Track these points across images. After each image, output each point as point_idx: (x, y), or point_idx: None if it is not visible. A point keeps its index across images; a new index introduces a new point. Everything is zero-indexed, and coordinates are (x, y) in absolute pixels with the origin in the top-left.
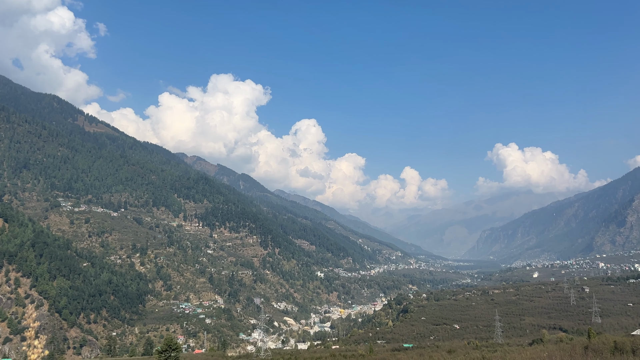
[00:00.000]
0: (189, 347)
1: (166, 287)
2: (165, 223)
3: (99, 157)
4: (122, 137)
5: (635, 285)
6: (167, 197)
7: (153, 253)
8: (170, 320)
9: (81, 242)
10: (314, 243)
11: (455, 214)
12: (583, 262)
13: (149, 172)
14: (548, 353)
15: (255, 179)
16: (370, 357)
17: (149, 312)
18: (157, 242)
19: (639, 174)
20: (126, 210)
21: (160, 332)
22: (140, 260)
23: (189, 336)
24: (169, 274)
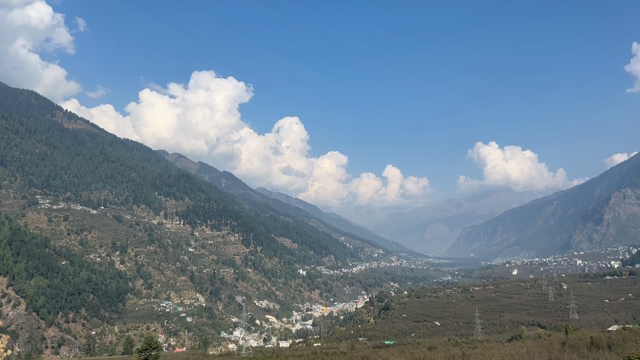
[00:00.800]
0: (169, 345)
1: (147, 286)
2: (146, 221)
3: (78, 154)
4: (102, 133)
5: (611, 281)
6: (147, 195)
7: (133, 251)
8: (150, 319)
9: (60, 240)
10: (296, 241)
11: (437, 211)
12: (561, 260)
13: (129, 170)
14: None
15: (237, 177)
16: (352, 354)
17: (129, 310)
18: (137, 240)
19: (616, 173)
20: (106, 208)
21: (140, 331)
22: (120, 259)
23: (170, 335)
24: (150, 273)
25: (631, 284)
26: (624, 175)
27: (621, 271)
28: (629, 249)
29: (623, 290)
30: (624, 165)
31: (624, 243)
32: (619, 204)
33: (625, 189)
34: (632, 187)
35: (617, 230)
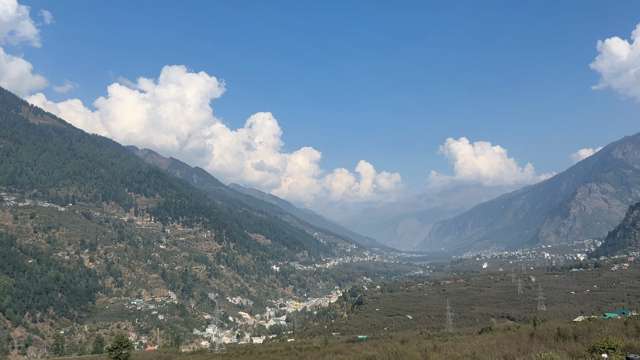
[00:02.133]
0: (141, 344)
1: (117, 284)
2: (116, 218)
3: (45, 150)
4: (70, 129)
5: (577, 274)
6: (117, 192)
7: (103, 249)
8: (121, 317)
9: (26, 238)
10: (270, 237)
11: (409, 206)
12: (530, 253)
13: (98, 166)
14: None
15: (209, 173)
16: (325, 349)
17: (99, 309)
18: (107, 237)
19: (582, 168)
20: (74, 205)
21: (111, 329)
22: (89, 256)
23: (141, 333)
24: (120, 270)
25: (596, 276)
26: (589, 170)
27: (587, 264)
28: (594, 241)
29: (588, 282)
30: (589, 160)
31: (589, 236)
32: (584, 198)
33: (590, 184)
34: (597, 182)
35: (583, 224)
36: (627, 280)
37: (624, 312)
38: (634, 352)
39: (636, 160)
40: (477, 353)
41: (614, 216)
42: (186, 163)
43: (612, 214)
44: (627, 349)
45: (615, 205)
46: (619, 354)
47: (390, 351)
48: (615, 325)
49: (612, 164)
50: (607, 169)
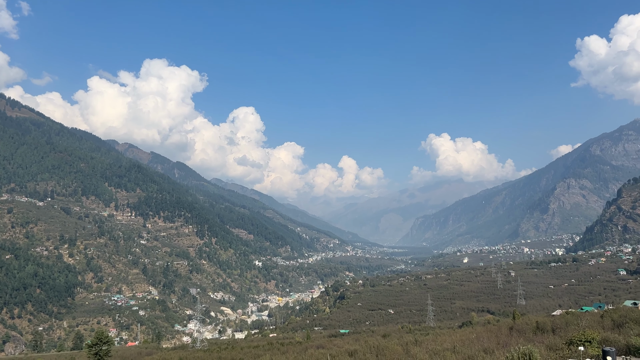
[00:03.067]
0: (121, 340)
1: (97, 279)
2: (96, 213)
3: (23, 144)
4: (48, 122)
5: (556, 268)
6: (97, 186)
7: (82, 244)
8: (101, 313)
9: (3, 233)
10: (252, 232)
11: (391, 202)
12: (509, 248)
13: (78, 160)
14: (476, 334)
15: (191, 168)
16: (307, 343)
17: (79, 305)
18: (86, 232)
19: (561, 164)
20: (53, 199)
21: (90, 325)
22: (68, 252)
23: (122, 329)
24: (100, 266)
25: (574, 270)
26: (568, 166)
27: (565, 258)
28: (572, 236)
29: (567, 277)
30: (568, 157)
31: (568, 231)
32: (563, 194)
33: (569, 179)
34: (575, 178)
35: (561, 219)
36: (604, 275)
37: (601, 306)
38: (610, 344)
39: (613, 156)
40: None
41: (592, 211)
42: (167, 158)
43: (590, 209)
44: (603, 341)
45: (593, 200)
46: (595, 347)
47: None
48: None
49: (591, 160)
50: (585, 165)
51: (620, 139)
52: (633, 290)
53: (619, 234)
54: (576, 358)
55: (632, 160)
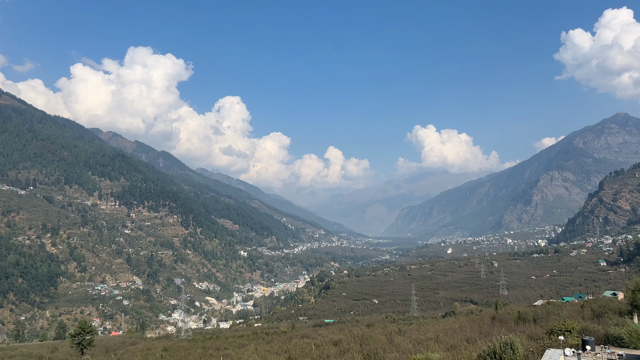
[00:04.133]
0: (105, 329)
1: (80, 269)
2: (79, 202)
3: (4, 132)
4: (30, 110)
5: (538, 259)
6: (80, 175)
7: (66, 233)
8: (85, 303)
9: None
10: (238, 222)
11: (376, 193)
12: (493, 239)
13: (61, 148)
14: (459, 324)
15: (175, 157)
16: (292, 333)
17: (62, 294)
18: (70, 221)
19: (545, 156)
20: (35, 188)
21: (74, 315)
22: (51, 241)
23: (106, 318)
24: (84, 255)
25: (556, 261)
26: (551, 159)
27: (547, 249)
28: (555, 228)
29: (548, 267)
30: (552, 149)
31: (550, 222)
32: (546, 186)
33: (552, 172)
34: (558, 170)
35: (544, 211)
36: (585, 266)
37: (581, 296)
38: (589, 334)
39: (596, 149)
40: (441, 336)
41: (574, 203)
42: (152, 147)
43: (572, 201)
44: (583, 331)
45: (576, 192)
46: (575, 336)
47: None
48: (572, 309)
49: (574, 152)
50: (568, 157)
51: (602, 132)
52: (613, 281)
53: (600, 225)
54: (556, 347)
55: (614, 153)
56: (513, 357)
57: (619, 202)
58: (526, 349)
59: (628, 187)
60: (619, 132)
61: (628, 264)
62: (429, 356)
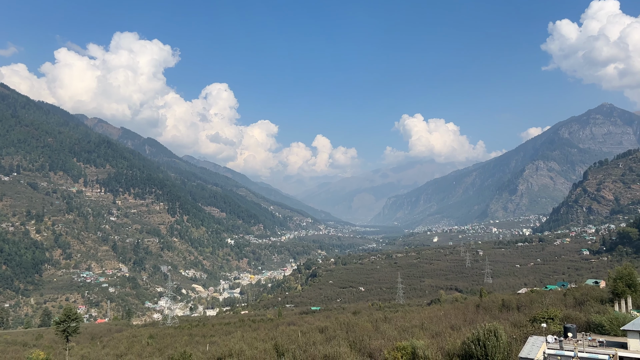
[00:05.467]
0: (91, 317)
1: (65, 256)
2: (64, 189)
3: None
4: (14, 95)
5: (522, 248)
6: (65, 161)
7: (50, 220)
8: (70, 290)
9: None
10: (225, 210)
11: (364, 181)
12: (478, 227)
13: (45, 134)
14: (444, 312)
15: (162, 144)
16: (279, 320)
17: (47, 281)
18: (54, 208)
19: (530, 146)
20: (19, 174)
21: (59, 302)
22: (36, 228)
23: (91, 306)
24: (69, 242)
25: (540, 250)
26: (537, 149)
27: (532, 238)
28: (539, 217)
29: (533, 256)
30: (537, 139)
31: (535, 212)
32: (532, 176)
33: (538, 161)
34: (544, 160)
35: (529, 200)
36: (568, 254)
37: (564, 284)
38: (571, 321)
39: (581, 139)
40: (426, 323)
41: (559, 193)
42: (138, 133)
43: (557, 191)
44: (565, 318)
45: (560, 182)
46: (557, 324)
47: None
48: (555, 297)
49: (559, 142)
50: (554, 147)
51: (587, 123)
52: (595, 270)
53: (583, 215)
54: (539, 334)
55: (599, 143)
56: (496, 344)
57: (602, 192)
58: (509, 336)
59: (611, 178)
60: (603, 123)
61: (610, 253)
62: (414, 343)
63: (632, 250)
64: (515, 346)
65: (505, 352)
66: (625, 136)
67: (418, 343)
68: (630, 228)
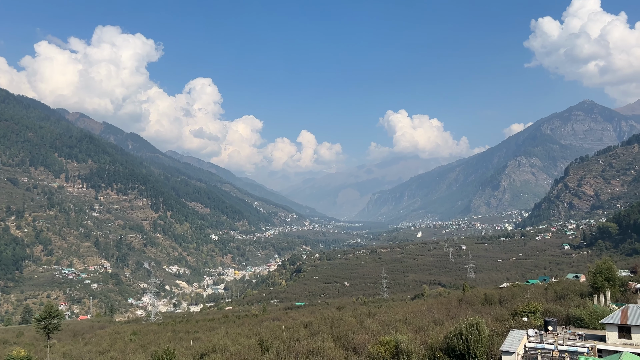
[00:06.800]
0: (72, 313)
1: (47, 252)
2: (45, 184)
3: None
4: None
5: (505, 243)
6: (46, 156)
7: (31, 216)
8: (51, 287)
9: None
10: (209, 206)
11: (348, 177)
12: (461, 223)
13: (25, 129)
14: (428, 306)
15: (145, 139)
16: (263, 316)
17: (27, 278)
18: (35, 204)
19: (513, 142)
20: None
21: (40, 299)
22: (16, 224)
23: (73, 302)
24: (50, 238)
25: (522, 245)
26: (519, 145)
27: (514, 233)
28: (521, 212)
29: (515, 251)
30: (520, 135)
31: (517, 207)
32: (514, 171)
33: (520, 157)
34: (526, 156)
35: (511, 196)
36: (550, 249)
37: (545, 279)
38: (552, 315)
39: (562, 135)
40: (409, 318)
41: (541, 189)
42: (120, 128)
43: (539, 186)
44: (546, 312)
45: (542, 178)
46: (538, 317)
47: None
48: (536, 291)
49: (541, 139)
50: (536, 143)
51: (569, 119)
52: (576, 264)
53: (564, 210)
54: (520, 328)
55: (580, 139)
56: (478, 338)
57: (583, 187)
58: (491, 329)
59: (592, 173)
60: (584, 120)
61: (590, 248)
62: (397, 337)
63: (611, 244)
64: (497, 340)
65: (487, 345)
66: (605, 132)
67: (401, 337)
68: (610, 223)
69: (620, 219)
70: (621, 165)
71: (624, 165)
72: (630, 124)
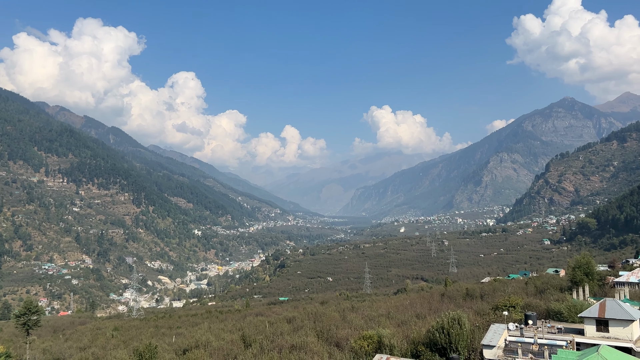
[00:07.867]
0: (53, 309)
1: (26, 247)
2: (24, 178)
3: None
4: None
5: (486, 238)
6: (25, 150)
7: (10, 210)
8: (31, 282)
9: None
10: (192, 201)
11: (332, 172)
12: (444, 218)
13: (4, 122)
14: (410, 301)
15: (127, 133)
16: (246, 311)
17: (6, 274)
18: (14, 198)
19: (495, 138)
20: None
21: (19, 295)
22: None
23: (54, 298)
24: (29, 233)
25: (503, 240)
26: (501, 141)
27: (495, 228)
28: (503, 208)
29: (496, 246)
30: (502, 132)
31: (499, 203)
32: (496, 167)
33: (502, 153)
34: (508, 152)
35: (493, 191)
36: (530, 244)
37: (526, 274)
38: (532, 309)
39: (543, 132)
40: (392, 312)
41: (522, 184)
42: (102, 122)
43: (520, 182)
44: (526, 306)
45: (524, 174)
46: (518, 311)
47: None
48: (517, 285)
49: (522, 135)
50: (517, 139)
51: (550, 116)
52: (555, 259)
53: (545, 206)
54: (501, 322)
55: (560, 136)
56: (460, 332)
57: (563, 183)
58: (472, 324)
59: (572, 170)
60: (565, 116)
61: (570, 243)
62: (380, 332)
63: (590, 240)
64: (478, 334)
65: (469, 339)
66: (585, 129)
67: (384, 332)
68: (589, 219)
69: (599, 215)
70: (600, 162)
71: (603, 161)
72: (609, 121)
